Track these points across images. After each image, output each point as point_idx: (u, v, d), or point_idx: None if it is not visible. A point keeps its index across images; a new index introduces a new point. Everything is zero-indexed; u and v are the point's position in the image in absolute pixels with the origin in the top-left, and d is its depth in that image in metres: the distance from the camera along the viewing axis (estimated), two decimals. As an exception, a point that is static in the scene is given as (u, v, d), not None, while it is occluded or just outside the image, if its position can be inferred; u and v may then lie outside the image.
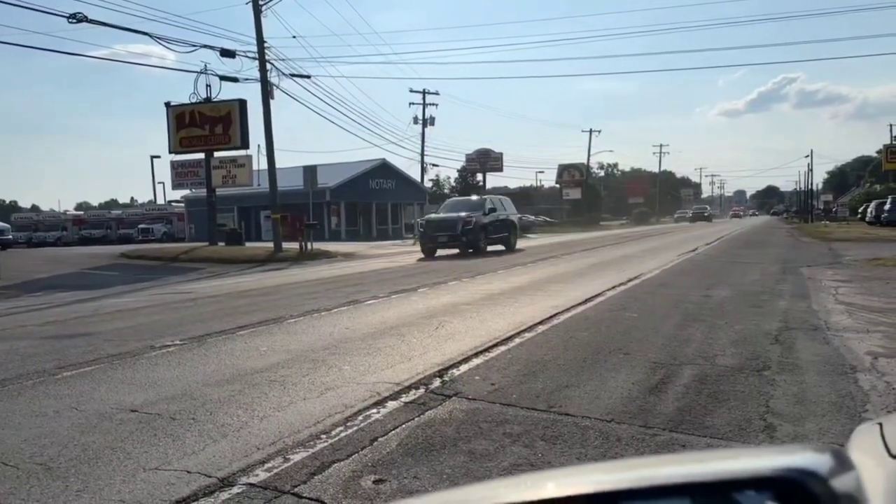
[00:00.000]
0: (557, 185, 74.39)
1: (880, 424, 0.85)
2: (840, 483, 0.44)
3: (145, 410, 4.57)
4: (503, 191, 78.68)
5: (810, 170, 72.57)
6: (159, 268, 21.17)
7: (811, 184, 72.28)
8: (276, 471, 3.40)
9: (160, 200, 60.07)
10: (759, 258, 16.66)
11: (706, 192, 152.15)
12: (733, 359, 5.52)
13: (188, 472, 3.43)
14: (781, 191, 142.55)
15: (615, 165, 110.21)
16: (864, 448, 0.81)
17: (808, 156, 79.46)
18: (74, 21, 19.57)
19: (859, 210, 48.64)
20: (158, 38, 22.32)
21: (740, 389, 4.59)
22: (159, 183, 74.69)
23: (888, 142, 55.14)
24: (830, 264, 14.35)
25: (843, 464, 0.47)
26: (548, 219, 63.01)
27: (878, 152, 61.47)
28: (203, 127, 28.48)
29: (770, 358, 5.51)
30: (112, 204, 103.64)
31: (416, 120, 51.25)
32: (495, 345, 6.40)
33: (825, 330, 6.68)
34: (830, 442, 3.50)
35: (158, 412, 4.51)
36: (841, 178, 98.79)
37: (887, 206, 36.03)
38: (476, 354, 6.00)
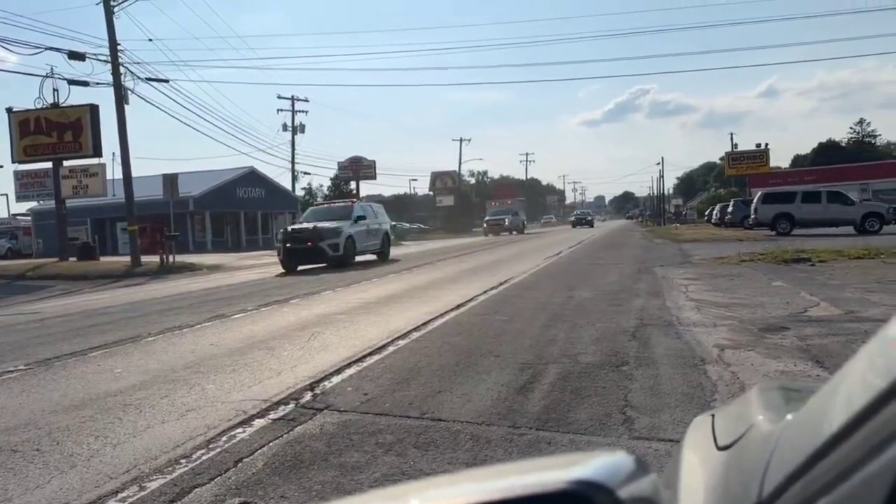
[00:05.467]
0: (431, 193, 75.29)
1: (713, 416, 0.89)
2: (629, 491, 0.44)
3: (-20, 445, 4.14)
4: (378, 199, 78.68)
5: (661, 176, 77.93)
6: (2, 287, 19.42)
7: (663, 189, 77.66)
8: (130, 501, 3.17)
9: (3, 214, 55.66)
10: (617, 259, 17.61)
11: (569, 198, 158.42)
12: (594, 356, 5.78)
13: (29, 510, 3.14)
14: (637, 196, 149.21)
15: (485, 173, 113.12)
16: (694, 442, 0.84)
17: (659, 163, 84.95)
18: None
19: (706, 213, 52.42)
20: (-5, 37, 20.49)
21: (601, 385, 4.80)
22: (2, 195, 69.07)
23: (730, 149, 60.13)
24: (681, 264, 15.37)
25: (639, 470, 0.47)
26: (423, 226, 63.68)
27: (721, 159, 66.72)
28: (50, 134, 26.47)
29: (628, 354, 5.81)
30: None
31: (285, 127, 50.21)
32: (369, 354, 6.34)
33: (677, 325, 7.13)
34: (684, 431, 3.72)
35: (-4, 446, 4.11)
36: (689, 183, 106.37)
37: (730, 209, 39.14)
38: (349, 365, 5.91)
